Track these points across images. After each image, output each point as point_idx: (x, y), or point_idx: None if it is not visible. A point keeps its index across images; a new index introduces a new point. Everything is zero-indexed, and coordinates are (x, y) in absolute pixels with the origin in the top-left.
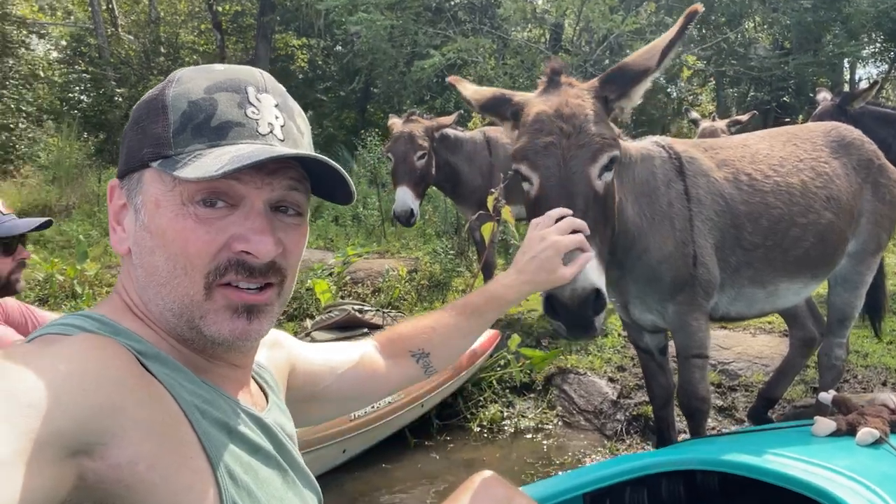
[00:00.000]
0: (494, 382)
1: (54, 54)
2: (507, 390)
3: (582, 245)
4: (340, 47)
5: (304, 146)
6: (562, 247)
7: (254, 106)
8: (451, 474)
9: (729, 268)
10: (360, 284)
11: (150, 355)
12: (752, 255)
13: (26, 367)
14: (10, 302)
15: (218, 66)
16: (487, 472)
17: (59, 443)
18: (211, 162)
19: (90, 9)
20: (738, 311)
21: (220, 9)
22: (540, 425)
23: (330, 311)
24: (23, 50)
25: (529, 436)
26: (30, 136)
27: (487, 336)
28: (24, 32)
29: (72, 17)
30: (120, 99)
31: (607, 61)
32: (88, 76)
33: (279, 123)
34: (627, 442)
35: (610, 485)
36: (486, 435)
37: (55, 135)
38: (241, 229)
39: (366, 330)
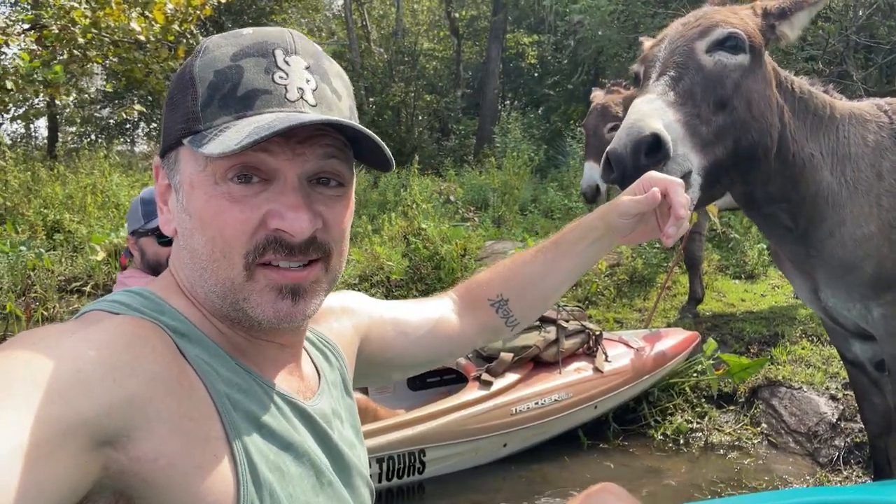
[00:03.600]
0: (688, 390)
1: None
2: (703, 399)
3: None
4: (568, 41)
5: (342, 110)
6: (656, 174)
7: (282, 70)
8: (626, 480)
9: None
10: None
11: (192, 338)
12: None
13: (59, 351)
14: None
15: (246, 30)
16: (612, 486)
17: (85, 433)
18: (233, 135)
19: (346, 27)
20: None
21: (457, 15)
22: (737, 442)
23: None
24: None
25: (723, 452)
26: None
27: (682, 338)
28: None
29: (335, 37)
30: (368, 107)
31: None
32: None
33: (310, 87)
34: (844, 473)
35: None
36: (670, 445)
37: None
38: (276, 205)
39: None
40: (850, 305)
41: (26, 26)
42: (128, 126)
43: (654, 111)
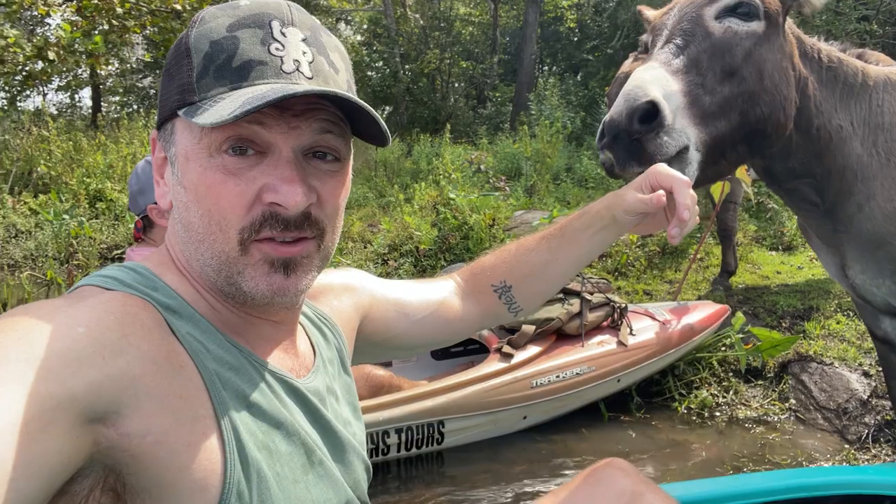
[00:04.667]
0: (715, 364)
1: (357, 38)
2: (730, 374)
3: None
4: (608, 3)
5: (339, 84)
6: (663, 170)
7: (278, 42)
8: (648, 453)
9: None
10: None
11: (183, 314)
12: None
13: (49, 328)
14: None
15: (243, 1)
16: (618, 461)
17: (75, 409)
18: (227, 105)
19: None
20: None
21: None
22: (764, 417)
23: None
24: None
25: (748, 426)
26: None
27: (711, 311)
28: (332, 20)
29: (370, 3)
30: (403, 74)
31: None
32: (378, 55)
33: (307, 59)
34: (873, 451)
35: (812, 497)
36: (694, 419)
37: None
38: (270, 178)
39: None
40: (879, 282)
41: None
42: None
43: (654, 79)
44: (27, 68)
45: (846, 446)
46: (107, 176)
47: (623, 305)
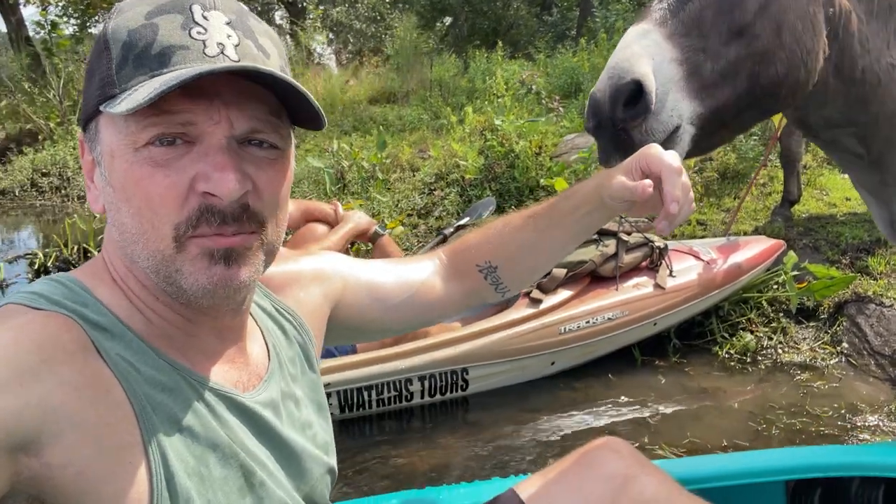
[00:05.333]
0: (765, 304)
1: None
2: (781, 314)
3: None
4: None
5: (270, 67)
6: (654, 152)
7: (200, 25)
8: (677, 402)
9: None
10: None
11: (114, 333)
12: None
13: None
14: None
15: None
16: (613, 440)
17: None
18: (144, 91)
19: None
20: None
21: None
22: (812, 361)
23: None
24: None
25: (792, 372)
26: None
27: (763, 248)
28: None
29: None
30: None
31: None
32: None
33: (232, 42)
34: None
35: (826, 477)
36: (734, 364)
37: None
38: (202, 166)
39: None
40: None
41: None
42: None
43: (645, 47)
44: None
45: None
46: None
47: (663, 245)
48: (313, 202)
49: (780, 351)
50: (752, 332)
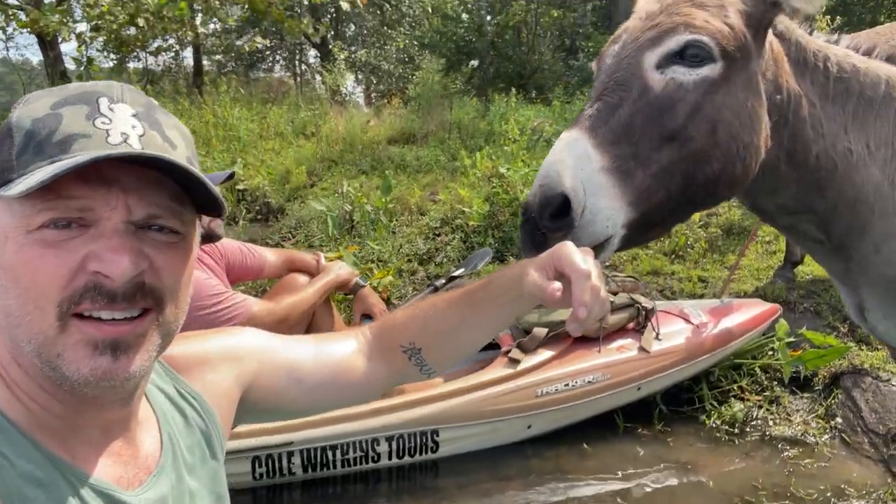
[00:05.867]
0: (758, 370)
1: None
2: (774, 382)
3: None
4: None
5: (175, 158)
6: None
7: (105, 116)
8: (654, 476)
9: None
10: None
11: None
12: None
13: None
14: (227, 243)
15: (73, 85)
16: None
17: None
18: (39, 175)
19: None
20: None
21: None
22: (802, 436)
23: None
24: None
25: (780, 447)
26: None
27: (756, 312)
28: None
29: None
30: (488, 27)
31: None
32: (462, 7)
33: (137, 132)
34: None
35: None
36: (720, 435)
37: (429, 66)
38: (95, 247)
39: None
40: None
41: None
42: (266, 53)
43: (576, 158)
44: (121, 34)
45: (889, 480)
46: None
47: (651, 307)
48: (296, 252)
49: (770, 423)
50: (743, 401)
